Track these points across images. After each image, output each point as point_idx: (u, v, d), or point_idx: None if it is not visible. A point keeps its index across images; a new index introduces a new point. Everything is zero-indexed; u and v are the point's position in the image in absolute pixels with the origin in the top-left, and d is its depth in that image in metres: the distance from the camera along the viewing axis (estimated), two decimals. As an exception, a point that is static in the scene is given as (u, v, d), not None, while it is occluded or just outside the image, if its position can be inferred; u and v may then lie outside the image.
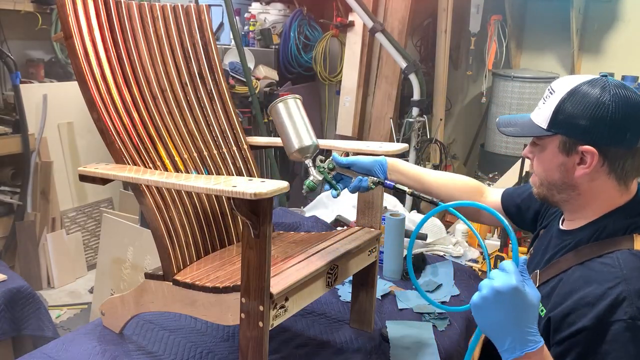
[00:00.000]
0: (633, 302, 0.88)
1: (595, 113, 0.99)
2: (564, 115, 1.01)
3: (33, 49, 3.57)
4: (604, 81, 1.02)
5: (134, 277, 2.68)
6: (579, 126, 1.00)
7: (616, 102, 0.98)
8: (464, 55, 4.20)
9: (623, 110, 0.98)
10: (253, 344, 1.25)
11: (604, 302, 0.89)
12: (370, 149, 1.69)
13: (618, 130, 0.98)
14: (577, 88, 1.02)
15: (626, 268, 0.92)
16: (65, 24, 1.48)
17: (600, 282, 0.92)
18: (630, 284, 0.90)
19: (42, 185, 3.34)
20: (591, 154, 1.00)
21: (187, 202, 1.60)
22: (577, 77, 1.05)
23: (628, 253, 0.96)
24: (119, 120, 1.52)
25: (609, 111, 0.98)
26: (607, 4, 3.53)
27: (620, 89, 1.00)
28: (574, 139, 1.01)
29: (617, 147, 1.00)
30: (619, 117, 0.98)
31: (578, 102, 1.01)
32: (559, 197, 1.08)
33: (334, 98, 4.31)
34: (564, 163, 1.04)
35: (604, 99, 0.99)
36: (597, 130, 0.99)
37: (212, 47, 1.88)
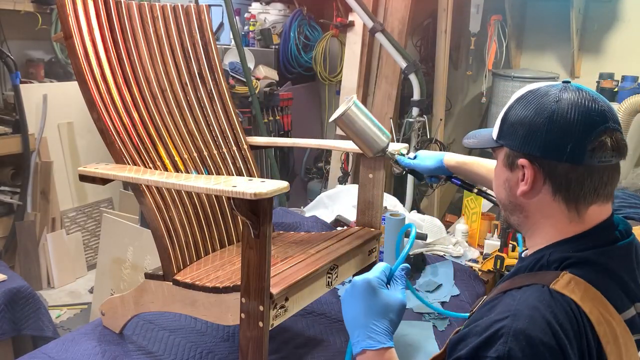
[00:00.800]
0: (507, 341, 0.77)
1: (533, 120, 0.86)
2: (507, 124, 0.91)
3: (33, 49, 3.57)
4: (559, 86, 0.89)
5: (134, 277, 2.68)
6: (518, 136, 0.88)
7: (560, 108, 0.84)
8: (464, 55, 4.20)
9: (566, 117, 0.83)
10: (253, 344, 1.25)
11: (485, 335, 0.79)
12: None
13: (556, 141, 0.84)
14: (525, 94, 0.91)
15: (522, 304, 0.80)
16: (65, 24, 1.48)
17: (496, 313, 0.82)
18: (515, 320, 0.78)
19: (42, 185, 3.34)
20: (527, 168, 0.87)
21: (187, 202, 1.60)
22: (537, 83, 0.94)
23: (538, 288, 0.82)
24: (119, 120, 1.52)
25: (547, 118, 0.84)
26: (607, 4, 3.53)
27: (572, 94, 0.85)
28: (514, 150, 0.89)
29: (557, 161, 0.84)
30: (558, 125, 0.83)
31: (521, 108, 0.89)
32: (512, 220, 0.97)
33: (334, 98, 4.31)
34: (508, 179, 0.92)
35: (546, 105, 0.86)
36: (532, 140, 0.86)
37: (212, 47, 1.88)
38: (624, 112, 2.66)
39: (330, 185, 3.83)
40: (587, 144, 0.82)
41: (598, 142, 0.83)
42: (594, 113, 0.84)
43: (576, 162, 0.83)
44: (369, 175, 1.71)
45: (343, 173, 3.75)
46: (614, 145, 0.83)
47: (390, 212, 2.09)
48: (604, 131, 0.83)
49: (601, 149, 0.83)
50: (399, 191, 3.55)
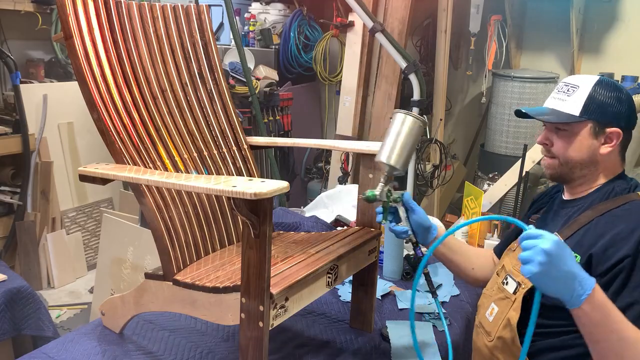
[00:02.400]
0: None
1: (621, 102, 1.23)
2: (596, 104, 1.23)
3: (33, 49, 3.57)
4: (610, 79, 1.29)
5: (134, 277, 2.68)
6: (609, 112, 1.23)
7: (627, 93, 1.26)
8: (464, 55, 4.20)
9: (632, 101, 1.26)
10: (253, 344, 1.25)
11: (637, 233, 1.10)
12: (370, 149, 1.69)
13: (632, 116, 1.25)
14: (599, 83, 1.25)
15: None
16: (65, 24, 1.48)
17: (628, 221, 1.14)
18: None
19: (42, 185, 3.34)
20: (617, 134, 1.23)
21: (187, 202, 1.60)
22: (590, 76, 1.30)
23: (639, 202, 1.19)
24: (119, 120, 1.52)
25: (629, 100, 1.25)
26: (607, 4, 3.53)
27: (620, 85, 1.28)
28: (604, 122, 1.23)
29: (629, 129, 1.26)
30: (633, 107, 1.25)
31: (605, 93, 1.23)
32: (580, 173, 1.27)
33: (334, 98, 4.31)
34: (592, 144, 1.24)
35: (623, 92, 1.25)
36: (623, 115, 1.24)
37: (212, 47, 1.88)
38: (624, 112, 2.66)
39: (330, 185, 3.83)
40: None
41: None
42: None
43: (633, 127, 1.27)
44: (369, 175, 1.71)
45: (343, 173, 3.75)
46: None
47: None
48: None
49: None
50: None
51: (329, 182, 3.95)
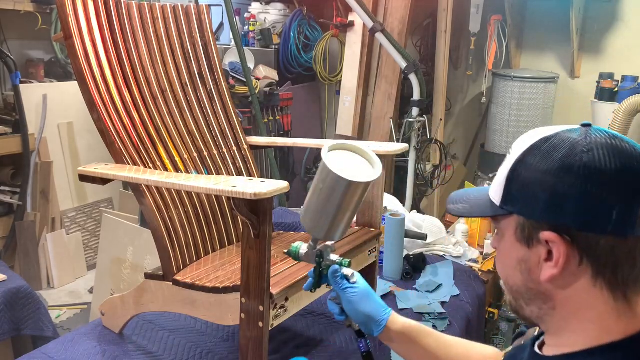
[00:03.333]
0: None
1: (559, 178, 0.64)
2: (518, 184, 0.69)
3: (33, 49, 3.57)
4: (578, 131, 0.68)
5: (134, 277, 2.68)
6: (537, 200, 0.66)
7: (594, 160, 0.63)
8: (464, 55, 4.20)
9: (605, 172, 0.63)
10: (253, 344, 1.25)
11: None
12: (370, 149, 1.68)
13: (596, 206, 0.63)
14: (537, 143, 0.68)
15: None
16: (65, 24, 1.48)
17: None
18: None
19: (42, 185, 3.33)
20: (557, 244, 0.65)
21: (187, 202, 1.60)
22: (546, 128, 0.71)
23: None
24: (119, 121, 1.52)
25: (581, 175, 0.63)
26: (607, 4, 3.53)
27: (604, 142, 0.65)
28: (534, 220, 0.67)
29: (600, 234, 0.63)
30: (597, 184, 0.63)
31: (537, 162, 0.67)
32: (529, 311, 0.72)
33: (334, 98, 4.31)
34: (524, 258, 0.69)
35: (575, 156, 0.64)
36: (561, 207, 0.64)
37: (212, 47, 1.88)
38: (624, 112, 2.66)
39: (330, 185, 3.82)
40: (638, 205, 0.62)
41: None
42: (636, 162, 0.63)
43: (625, 232, 0.62)
44: (369, 175, 1.70)
45: (343, 173, 3.74)
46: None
47: (390, 212, 2.09)
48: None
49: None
50: (399, 191, 3.55)
51: (329, 182, 3.94)
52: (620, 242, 0.63)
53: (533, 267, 0.69)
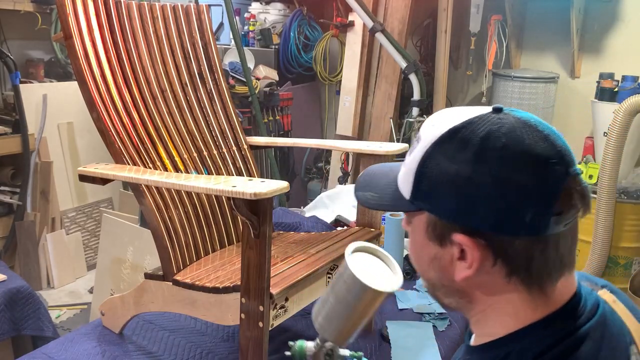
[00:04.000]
0: None
1: (471, 179, 0.60)
2: (427, 180, 0.64)
3: (33, 49, 3.57)
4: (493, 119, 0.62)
5: (133, 277, 2.68)
6: (448, 201, 0.62)
7: (508, 158, 0.59)
8: (464, 55, 4.19)
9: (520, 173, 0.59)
10: (253, 344, 1.25)
11: None
12: (370, 149, 1.69)
13: (508, 209, 0.59)
14: (447, 134, 0.62)
15: None
16: (65, 24, 1.48)
17: None
18: None
19: (42, 185, 3.33)
20: (470, 247, 0.62)
21: (187, 202, 1.60)
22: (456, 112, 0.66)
23: None
24: (118, 121, 1.52)
25: (493, 176, 0.59)
26: (607, 4, 3.53)
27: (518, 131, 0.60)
28: (446, 220, 0.63)
29: (513, 235, 0.60)
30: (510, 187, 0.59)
31: (446, 159, 0.62)
32: (448, 302, 0.71)
33: (334, 98, 4.31)
34: (437, 256, 0.66)
35: (488, 154, 0.60)
36: (473, 209, 0.61)
37: (212, 47, 1.88)
38: (624, 112, 2.65)
39: (330, 185, 3.83)
40: (553, 207, 0.59)
41: (566, 202, 0.60)
42: (554, 159, 0.60)
43: (539, 232, 0.60)
44: (369, 175, 1.70)
45: (343, 173, 3.75)
46: (581, 198, 0.61)
47: (390, 212, 2.09)
48: (570, 182, 0.60)
49: (570, 209, 0.61)
50: (399, 191, 3.54)
51: (329, 182, 3.95)
52: (534, 241, 0.61)
53: (446, 265, 0.66)
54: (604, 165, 2.69)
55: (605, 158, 2.67)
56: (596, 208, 2.75)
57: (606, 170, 2.67)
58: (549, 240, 0.61)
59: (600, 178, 2.71)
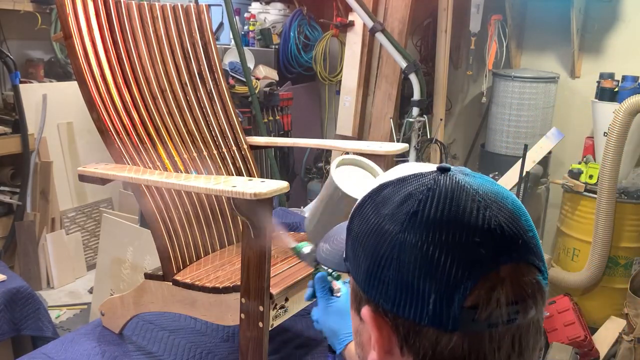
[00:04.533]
0: None
1: (376, 246, 0.52)
2: (351, 240, 0.57)
3: (33, 49, 3.57)
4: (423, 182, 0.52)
5: (133, 277, 2.68)
6: (360, 265, 0.54)
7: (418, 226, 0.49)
8: (464, 55, 4.19)
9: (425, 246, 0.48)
10: (253, 344, 1.25)
11: None
12: (370, 149, 1.68)
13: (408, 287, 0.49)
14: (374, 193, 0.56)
15: None
16: (65, 24, 1.48)
17: None
18: None
19: (41, 185, 3.33)
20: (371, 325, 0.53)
21: (187, 202, 1.60)
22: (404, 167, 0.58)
23: None
24: (118, 121, 1.52)
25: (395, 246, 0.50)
26: (608, 4, 3.52)
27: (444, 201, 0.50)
28: (360, 288, 0.55)
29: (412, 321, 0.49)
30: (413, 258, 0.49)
31: (364, 220, 0.55)
32: None
33: (334, 98, 4.31)
34: (358, 330, 0.58)
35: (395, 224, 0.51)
36: (373, 277, 0.52)
37: (212, 47, 1.88)
38: (624, 112, 2.65)
39: (330, 185, 3.82)
40: (459, 298, 0.47)
41: (479, 296, 0.48)
42: (475, 236, 0.48)
43: (447, 326, 0.48)
44: (369, 175, 1.70)
45: (343, 173, 3.74)
46: (511, 297, 0.48)
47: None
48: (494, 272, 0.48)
49: (487, 307, 0.48)
50: (399, 191, 3.54)
51: (329, 182, 3.94)
52: (444, 336, 0.48)
53: (365, 344, 0.56)
54: (604, 165, 2.69)
55: (606, 158, 2.67)
56: (596, 208, 2.75)
57: (606, 170, 2.67)
58: (471, 341, 0.48)
59: (600, 178, 2.71)
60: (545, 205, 3.63)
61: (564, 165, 3.50)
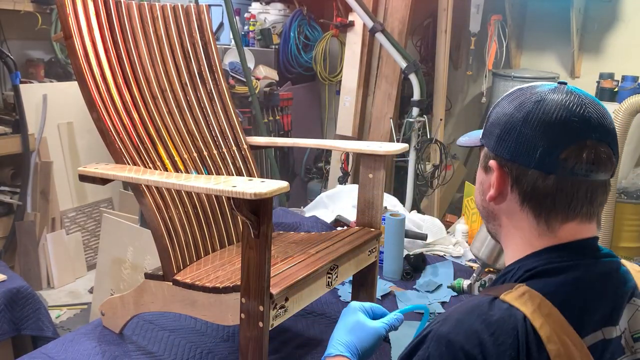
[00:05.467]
0: (429, 346, 0.73)
1: (510, 119, 0.78)
2: (489, 122, 0.84)
3: (33, 49, 3.57)
4: (550, 87, 0.80)
5: (134, 277, 2.68)
6: (494, 135, 0.81)
7: (539, 109, 0.76)
8: (464, 55, 4.20)
9: (542, 120, 0.75)
10: (253, 344, 1.25)
11: (416, 340, 0.76)
12: (370, 149, 1.69)
13: (526, 143, 0.76)
14: (514, 91, 0.83)
15: (456, 310, 0.76)
16: (65, 24, 1.48)
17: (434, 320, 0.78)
18: (443, 325, 0.74)
19: (42, 185, 3.33)
20: (498, 172, 0.80)
21: (187, 202, 1.60)
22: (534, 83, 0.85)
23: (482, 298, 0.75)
24: (118, 120, 1.52)
25: (523, 118, 0.77)
26: (607, 4, 3.53)
27: (559, 96, 0.77)
28: (490, 150, 0.82)
29: (525, 166, 0.76)
30: (532, 127, 0.76)
31: (503, 106, 0.81)
32: (489, 227, 0.88)
33: (334, 98, 4.31)
34: (482, 182, 0.85)
35: (526, 104, 0.78)
36: (504, 141, 0.78)
37: (212, 47, 1.88)
38: (624, 112, 2.65)
39: (330, 185, 3.83)
40: (559, 151, 0.74)
41: (572, 152, 0.74)
42: (576, 119, 0.74)
43: (546, 170, 0.75)
44: (369, 175, 1.71)
45: (343, 173, 3.75)
46: (591, 158, 0.74)
47: (390, 212, 2.09)
48: (583, 141, 0.74)
49: (575, 160, 0.74)
50: (399, 191, 3.55)
51: (329, 182, 3.95)
52: (542, 177, 0.75)
53: (486, 190, 0.84)
54: (604, 165, 2.68)
55: (605, 158, 2.67)
56: (596, 208, 2.75)
57: (606, 170, 2.67)
58: (559, 182, 0.75)
59: (600, 178, 2.71)
60: (545, 205, 3.63)
61: (564, 165, 3.50)
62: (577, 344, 0.70)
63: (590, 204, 0.77)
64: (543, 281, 0.74)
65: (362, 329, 0.97)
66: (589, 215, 0.78)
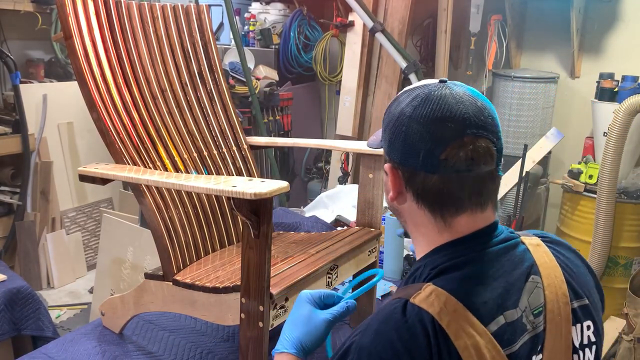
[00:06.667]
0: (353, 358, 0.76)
1: (396, 123, 0.83)
2: (383, 125, 0.89)
3: (33, 49, 3.57)
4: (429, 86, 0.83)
5: (134, 277, 2.68)
6: (385, 140, 0.87)
7: (418, 113, 0.80)
8: (464, 55, 4.19)
9: (421, 123, 0.79)
10: (253, 344, 1.25)
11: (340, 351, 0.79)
12: (369, 149, 1.68)
13: (410, 147, 0.80)
14: (400, 93, 0.87)
15: (374, 319, 0.78)
16: (65, 24, 1.48)
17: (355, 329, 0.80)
18: (363, 336, 0.76)
19: (42, 185, 3.33)
20: (390, 173, 0.86)
21: (187, 202, 1.60)
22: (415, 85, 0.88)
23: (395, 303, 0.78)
24: (119, 120, 1.52)
25: (406, 123, 0.81)
26: (607, 4, 3.52)
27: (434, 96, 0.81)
28: (385, 154, 0.89)
29: (413, 168, 0.81)
30: (413, 131, 0.80)
31: (390, 110, 0.87)
32: (401, 225, 0.93)
33: (334, 98, 4.31)
34: (385, 182, 0.90)
35: (407, 108, 0.82)
36: (394, 145, 0.83)
37: (212, 47, 1.88)
38: (624, 112, 2.65)
39: (330, 185, 3.83)
40: (439, 152, 0.78)
41: (451, 151, 0.77)
42: (451, 118, 0.78)
43: (430, 170, 0.79)
44: (369, 175, 1.71)
45: (343, 173, 3.75)
46: (469, 154, 0.77)
47: (390, 212, 2.09)
48: (460, 139, 0.78)
49: (454, 159, 0.78)
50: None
51: (329, 182, 3.95)
52: (429, 178, 0.80)
53: (387, 190, 0.88)
54: (604, 165, 2.69)
55: (605, 158, 2.67)
56: (596, 208, 2.75)
57: (606, 170, 2.67)
58: (444, 181, 0.79)
59: (600, 178, 2.71)
60: (545, 205, 3.63)
61: (564, 165, 3.50)
62: (482, 333, 0.75)
63: (478, 195, 0.81)
64: (446, 278, 0.79)
65: (308, 322, 0.95)
66: (481, 204, 0.82)
